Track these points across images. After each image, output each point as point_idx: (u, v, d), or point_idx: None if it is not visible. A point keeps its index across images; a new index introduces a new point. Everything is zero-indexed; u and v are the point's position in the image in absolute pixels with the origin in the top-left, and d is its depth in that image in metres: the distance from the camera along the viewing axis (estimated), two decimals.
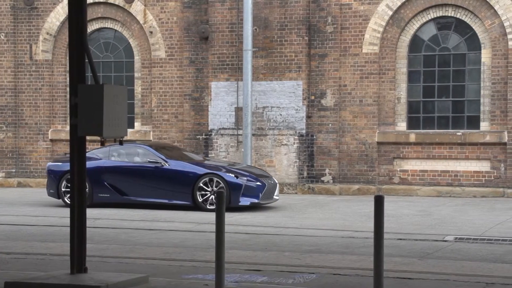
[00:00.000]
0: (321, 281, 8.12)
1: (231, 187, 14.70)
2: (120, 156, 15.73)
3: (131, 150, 15.75)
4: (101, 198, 15.51)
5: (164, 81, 19.75)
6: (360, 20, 18.19)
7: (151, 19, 19.81)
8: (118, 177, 15.48)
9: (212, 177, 14.86)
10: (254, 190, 14.84)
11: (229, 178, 14.81)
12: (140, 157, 15.56)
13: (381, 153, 18.14)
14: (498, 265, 9.22)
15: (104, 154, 15.83)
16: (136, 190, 15.32)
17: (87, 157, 15.85)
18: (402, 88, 18.14)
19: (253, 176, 15.04)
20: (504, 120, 17.29)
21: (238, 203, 14.74)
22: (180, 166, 15.21)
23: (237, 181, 14.79)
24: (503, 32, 17.22)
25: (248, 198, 14.79)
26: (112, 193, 15.44)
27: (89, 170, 15.60)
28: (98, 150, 16.10)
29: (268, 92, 18.77)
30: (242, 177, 14.88)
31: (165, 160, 15.30)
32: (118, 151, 15.80)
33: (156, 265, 9.02)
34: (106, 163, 15.65)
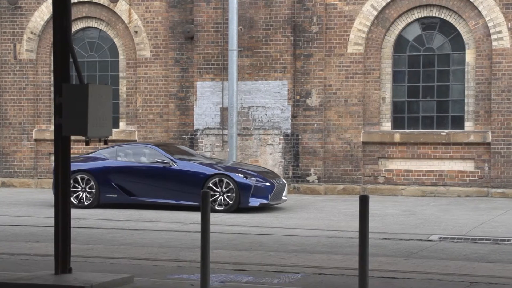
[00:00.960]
0: (306, 281, 8.13)
1: (241, 187, 14.53)
2: (127, 156, 15.55)
3: (138, 150, 15.59)
4: (108, 198, 15.34)
5: (149, 80, 19.70)
6: (345, 20, 18.23)
7: (136, 18, 19.76)
8: (125, 177, 15.30)
9: (222, 178, 14.65)
10: (263, 191, 14.66)
11: (238, 178, 14.62)
12: (147, 157, 15.38)
13: (366, 153, 18.19)
14: (482, 265, 9.27)
15: (110, 154, 15.65)
16: (144, 190, 15.13)
17: (94, 157, 15.75)
18: (387, 88, 18.20)
19: (262, 176, 14.88)
20: (488, 120, 17.39)
21: (247, 204, 14.56)
22: (189, 166, 15.05)
23: (246, 181, 14.61)
24: (487, 33, 17.31)
25: (258, 199, 14.61)
26: (119, 194, 15.26)
27: (96, 170, 15.48)
28: (104, 150, 15.94)
29: (253, 92, 18.77)
30: (252, 177, 14.69)
31: (173, 161, 15.12)
32: (125, 151, 15.63)
33: (141, 265, 9.00)
34: (113, 163, 15.48)
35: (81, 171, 15.48)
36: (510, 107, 17.13)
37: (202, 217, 6.75)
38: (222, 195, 14.63)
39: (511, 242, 11.10)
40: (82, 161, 15.79)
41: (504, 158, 17.18)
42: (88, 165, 15.58)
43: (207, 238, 6.71)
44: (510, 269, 8.93)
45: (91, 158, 15.81)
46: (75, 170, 15.39)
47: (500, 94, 17.17)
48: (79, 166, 15.58)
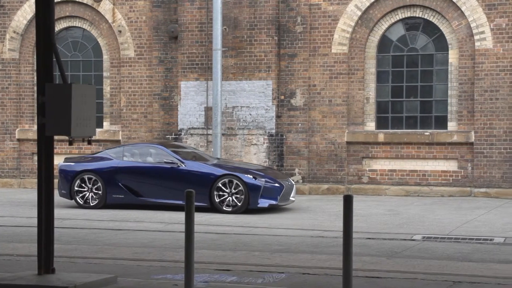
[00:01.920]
0: (290, 281, 8.13)
1: (250, 188, 14.40)
2: (134, 156, 15.38)
3: (145, 150, 15.43)
4: (115, 199, 15.18)
5: (133, 80, 19.65)
6: (329, 20, 18.26)
7: (120, 18, 19.70)
8: (132, 177, 15.13)
9: (231, 179, 14.51)
10: (272, 192, 14.52)
11: (247, 179, 14.49)
12: (154, 157, 15.22)
13: (350, 152, 18.24)
14: (465, 264, 9.32)
15: (117, 154, 15.48)
16: (151, 191, 14.95)
17: (100, 157, 15.58)
18: (371, 88, 18.25)
19: (271, 177, 14.76)
20: (471, 120, 17.48)
21: (257, 205, 14.42)
22: (197, 167, 14.91)
23: (255, 182, 14.47)
24: (470, 33, 17.41)
25: (267, 200, 14.46)
26: (126, 194, 15.09)
27: (103, 170, 15.29)
28: (110, 150, 15.80)
29: (237, 91, 18.76)
30: (261, 178, 14.56)
31: (181, 161, 14.97)
32: (132, 151, 15.46)
33: (125, 266, 8.97)
34: (120, 163, 15.30)
35: (87, 171, 15.30)
36: (493, 107, 17.23)
37: (186, 217, 6.74)
38: (231, 196, 14.48)
39: (493, 242, 11.17)
40: (88, 161, 15.61)
41: (487, 158, 17.28)
42: (94, 165, 15.39)
43: (191, 238, 6.70)
44: (492, 268, 8.98)
45: (97, 158, 15.61)
46: (81, 170, 15.28)
47: (483, 94, 17.27)
48: (86, 166, 15.42)
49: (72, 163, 15.64)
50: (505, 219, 13.51)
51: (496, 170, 17.20)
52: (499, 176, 17.20)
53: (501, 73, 17.15)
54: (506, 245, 10.85)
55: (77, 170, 15.39)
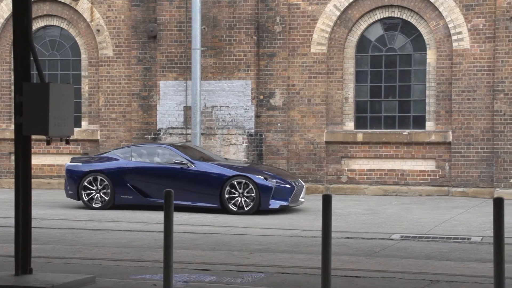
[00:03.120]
0: (269, 280, 8.14)
1: (261, 189, 14.23)
2: (142, 157, 15.19)
3: (154, 150, 15.25)
4: (124, 200, 14.98)
5: (112, 80, 19.56)
6: (308, 20, 18.30)
7: (98, 17, 19.60)
8: (141, 178, 14.93)
9: (242, 179, 14.35)
10: (283, 193, 14.36)
11: (258, 180, 14.33)
12: (162, 157, 15.05)
13: (329, 152, 18.29)
14: (442, 263, 9.38)
15: (124, 155, 15.29)
16: (160, 192, 14.50)
17: (108, 158, 15.38)
18: (350, 88, 18.31)
19: (282, 178, 14.63)
20: (448, 120, 17.60)
21: (268, 206, 14.26)
22: (207, 167, 14.72)
23: (267, 183, 14.32)
24: (448, 34, 17.52)
25: (278, 201, 14.30)
26: (135, 195, 14.87)
27: (111, 171, 15.08)
28: (118, 151, 15.61)
29: (217, 91, 18.75)
30: (271, 179, 14.42)
31: (191, 161, 14.78)
32: (140, 151, 15.28)
33: (104, 266, 8.93)
34: (129, 164, 15.11)
35: (95, 172, 15.10)
36: (470, 107, 17.36)
37: (165, 217, 6.73)
38: (241, 197, 14.33)
39: (471, 241, 11.25)
40: (96, 161, 15.41)
41: (464, 157, 17.40)
42: (102, 166, 15.20)
43: (170, 238, 6.68)
44: (470, 267, 9.05)
45: (104, 159, 15.41)
46: (89, 171, 15.09)
47: (461, 94, 17.39)
48: (93, 166, 15.23)
49: (80, 164, 15.41)
50: (482, 218, 13.62)
51: (473, 169, 17.33)
52: (476, 176, 17.33)
53: (478, 73, 17.28)
54: (483, 244, 10.93)
55: (84, 170, 15.16)
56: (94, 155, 16.51)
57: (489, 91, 17.23)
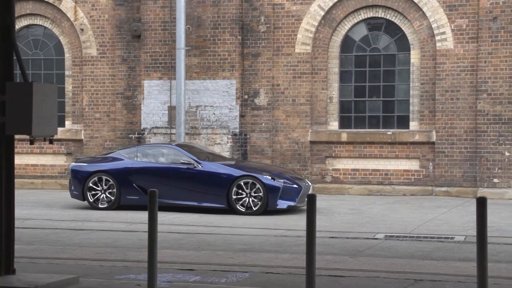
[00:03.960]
0: (254, 280, 8.14)
1: (269, 189, 14.10)
2: (147, 157, 15.04)
3: (160, 150, 15.11)
4: (130, 200, 14.83)
5: (96, 79, 19.49)
6: (292, 20, 18.32)
7: (82, 16, 19.52)
8: (147, 178, 14.76)
9: (249, 179, 14.22)
10: (291, 193, 14.26)
11: (266, 180, 14.20)
12: (168, 158, 14.90)
13: (313, 152, 18.31)
14: (426, 262, 9.42)
15: (130, 155, 15.14)
16: (166, 192, 14.48)
17: (113, 158, 15.23)
18: (334, 88, 18.35)
19: (289, 178, 14.52)
20: (432, 119, 17.67)
21: (276, 206, 14.14)
22: (214, 167, 14.58)
23: (274, 183, 14.20)
24: (431, 34, 17.60)
25: (286, 201, 14.19)
26: (141, 195, 14.68)
27: (117, 171, 14.91)
28: (123, 151, 15.46)
29: (201, 91, 18.72)
30: (279, 179, 14.31)
31: (197, 162, 14.64)
32: (145, 151, 15.14)
33: (87, 266, 8.90)
34: (135, 164, 14.95)
35: (100, 172, 14.96)
36: (454, 107, 17.44)
37: (150, 217, 6.71)
38: (249, 197, 14.22)
39: (454, 240, 11.31)
40: (101, 161, 15.27)
41: (448, 157, 17.49)
42: (107, 166, 15.05)
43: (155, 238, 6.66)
44: (453, 266, 9.09)
45: (109, 159, 15.27)
46: (94, 171, 14.95)
47: (444, 94, 17.47)
48: (99, 167, 15.08)
49: (85, 164, 15.27)
50: (465, 217, 13.69)
51: (457, 169, 17.42)
52: (460, 175, 17.42)
53: (462, 73, 17.37)
54: (466, 243, 10.99)
55: (90, 170, 15.02)
56: (99, 155, 16.35)
57: (473, 91, 17.32)
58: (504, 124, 17.06)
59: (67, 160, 19.80)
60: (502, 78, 17.04)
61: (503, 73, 17.04)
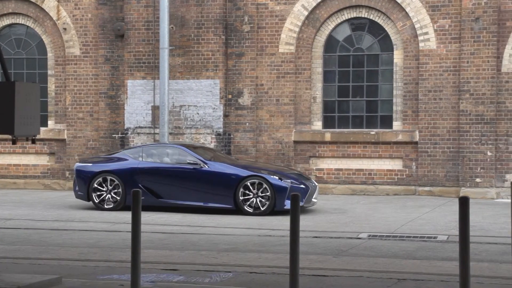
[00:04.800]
0: (237, 280, 8.14)
1: (276, 190, 14.00)
2: (153, 157, 14.89)
3: (165, 150, 14.97)
4: None
5: (79, 78, 19.40)
6: (276, 20, 18.33)
7: (65, 15, 19.43)
8: (153, 178, 14.61)
9: (256, 180, 14.11)
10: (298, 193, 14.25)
11: (273, 180, 14.10)
12: (174, 158, 14.77)
13: (297, 152, 18.34)
14: (409, 261, 9.46)
15: (135, 155, 14.97)
16: (173, 192, 14.43)
17: (118, 158, 15.04)
18: (318, 88, 18.38)
19: (297, 178, 14.43)
20: (415, 119, 17.75)
21: (283, 206, 14.02)
22: (221, 167, 14.45)
23: (282, 183, 14.09)
24: (414, 34, 17.67)
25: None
26: (147, 196, 14.48)
27: (122, 171, 14.75)
28: (128, 151, 15.29)
29: (185, 90, 18.69)
30: (286, 179, 14.21)
31: (204, 162, 14.51)
32: (150, 151, 14.97)
33: (70, 266, 8.86)
34: (140, 164, 14.78)
35: (106, 172, 14.78)
36: (437, 107, 17.53)
37: (133, 217, 6.69)
38: (256, 197, 14.10)
39: (437, 239, 11.36)
40: (106, 161, 15.11)
41: (431, 157, 17.57)
42: (113, 166, 14.88)
43: (138, 238, 6.64)
44: (436, 266, 9.14)
45: (115, 159, 15.10)
46: (99, 171, 14.80)
47: (427, 94, 17.55)
48: (104, 167, 14.92)
49: (90, 164, 15.11)
50: (448, 217, 13.76)
51: (439, 169, 17.51)
52: (443, 175, 17.51)
53: (445, 74, 17.46)
54: (449, 243, 11.05)
55: (95, 171, 14.85)
56: (103, 155, 16.19)
57: (455, 91, 17.41)
58: (486, 124, 17.17)
59: (50, 160, 19.71)
60: (484, 78, 17.15)
61: (485, 73, 17.15)
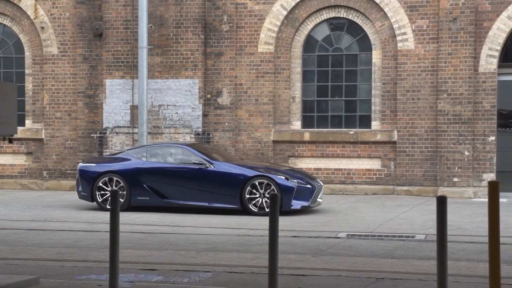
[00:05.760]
0: (216, 280, 8.13)
1: (283, 190, 13.89)
2: (157, 157, 14.72)
3: (169, 150, 14.81)
4: (140, 201, 14.46)
5: (57, 78, 19.28)
6: (255, 20, 18.34)
7: (43, 14, 19.30)
8: (158, 179, 14.43)
9: (263, 180, 13.99)
10: (304, 193, 14.06)
11: (280, 180, 14.00)
12: (179, 158, 14.63)
13: (276, 151, 18.36)
14: (387, 261, 9.50)
15: (139, 155, 14.80)
16: (178, 193, 14.28)
17: (122, 158, 14.87)
18: (297, 88, 18.41)
19: (303, 178, 14.35)
20: (394, 119, 17.84)
21: (290, 206, 13.94)
22: (227, 167, 14.33)
23: (288, 183, 14.00)
24: (393, 34, 17.76)
25: (299, 201, 13.98)
26: (151, 196, 14.37)
27: (127, 171, 14.57)
28: (132, 151, 15.10)
29: (164, 90, 18.65)
30: (293, 179, 14.12)
31: (209, 162, 14.39)
32: (155, 151, 14.81)
33: (48, 266, 8.80)
34: (145, 164, 14.61)
35: (110, 173, 14.59)
36: (415, 107, 17.62)
37: (111, 216, 6.66)
38: (262, 197, 14.00)
39: (415, 239, 11.43)
40: (110, 161, 14.91)
41: (409, 156, 17.66)
42: (117, 166, 14.70)
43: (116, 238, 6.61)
44: (414, 265, 9.19)
45: (118, 159, 14.91)
46: (103, 172, 14.63)
47: (405, 94, 17.64)
48: (108, 167, 14.72)
49: (93, 164, 14.91)
50: (426, 216, 13.84)
51: (417, 168, 17.61)
52: (421, 174, 17.61)
53: (423, 74, 17.56)
54: (427, 242, 11.11)
55: (99, 171, 14.67)
56: (107, 155, 16.02)
57: (433, 91, 17.52)
58: (464, 124, 17.29)
59: (27, 160, 19.57)
60: (462, 78, 17.27)
61: (463, 73, 17.27)
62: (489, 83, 17.25)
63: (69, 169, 19.21)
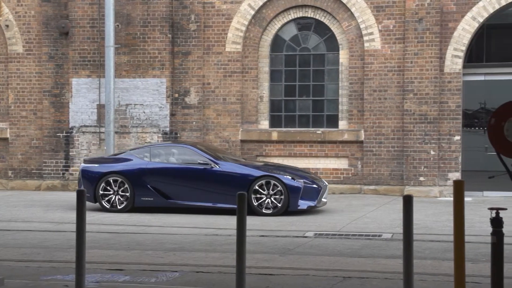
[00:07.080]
0: (184, 279, 8.12)
1: (290, 190, 13.79)
2: (160, 157, 14.48)
3: (173, 150, 14.57)
4: (144, 202, 14.23)
5: (22, 76, 19.07)
6: (223, 19, 18.32)
7: (7, 12, 19.07)
8: (162, 179, 14.22)
9: (269, 180, 13.86)
10: (311, 193, 13.95)
11: (287, 180, 13.87)
12: (183, 158, 14.40)
13: (244, 151, 18.36)
14: (354, 260, 9.56)
15: (142, 155, 14.54)
16: (182, 193, 14.08)
17: (125, 158, 14.60)
18: (265, 87, 18.44)
19: (308, 178, 14.24)
20: (360, 119, 17.95)
21: (297, 207, 13.84)
22: (232, 168, 14.17)
23: (295, 183, 13.89)
24: (360, 34, 17.86)
25: (306, 201, 13.87)
26: (156, 197, 14.16)
27: (130, 172, 14.32)
28: (135, 151, 14.82)
29: (131, 89, 18.54)
30: (299, 179, 14.00)
31: (215, 162, 14.21)
32: (158, 151, 14.56)
33: (13, 267, 8.71)
34: (149, 165, 14.37)
35: (113, 173, 14.34)
36: (381, 106, 17.75)
37: (78, 216, 6.61)
38: (269, 197, 13.88)
39: (382, 238, 11.51)
40: (113, 162, 14.65)
41: (376, 156, 17.79)
42: (121, 167, 14.45)
43: (83, 238, 6.57)
44: (381, 263, 9.26)
45: (121, 159, 14.66)
46: (106, 172, 14.37)
47: (372, 94, 17.76)
48: (112, 167, 14.47)
49: (96, 165, 14.64)
50: (392, 215, 13.95)
51: (384, 168, 17.74)
52: (387, 174, 17.74)
53: (389, 74, 17.70)
54: (393, 241, 11.20)
55: (102, 171, 14.42)
56: (109, 155, 15.76)
57: (399, 91, 17.66)
58: (430, 123, 17.46)
59: None
60: (428, 78, 17.44)
61: (429, 73, 17.44)
62: (455, 83, 17.44)
63: (35, 168, 19.02)
